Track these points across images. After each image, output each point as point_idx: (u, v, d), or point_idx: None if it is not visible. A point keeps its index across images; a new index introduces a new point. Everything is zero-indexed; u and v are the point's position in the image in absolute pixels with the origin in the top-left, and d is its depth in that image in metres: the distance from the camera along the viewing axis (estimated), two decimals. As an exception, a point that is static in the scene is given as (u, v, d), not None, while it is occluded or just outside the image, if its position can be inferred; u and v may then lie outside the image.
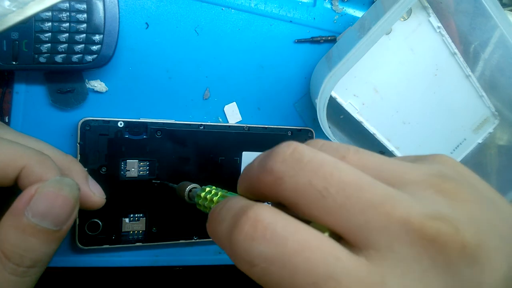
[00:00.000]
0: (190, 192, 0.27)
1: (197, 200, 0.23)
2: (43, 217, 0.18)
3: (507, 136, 0.42)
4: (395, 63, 0.36)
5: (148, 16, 0.34)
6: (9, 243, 0.17)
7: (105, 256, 0.35)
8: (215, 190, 0.22)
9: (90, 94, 0.33)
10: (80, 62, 0.29)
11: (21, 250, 0.18)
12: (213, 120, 0.37)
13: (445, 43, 0.36)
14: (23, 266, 0.18)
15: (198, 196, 0.22)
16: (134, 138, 0.33)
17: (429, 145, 0.40)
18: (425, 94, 0.38)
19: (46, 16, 0.28)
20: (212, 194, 0.21)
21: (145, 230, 0.34)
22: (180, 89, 0.36)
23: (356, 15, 0.40)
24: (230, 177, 0.37)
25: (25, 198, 0.18)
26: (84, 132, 0.32)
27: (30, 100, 0.31)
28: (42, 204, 0.18)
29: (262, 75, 0.38)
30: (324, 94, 0.31)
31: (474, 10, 0.33)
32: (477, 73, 0.38)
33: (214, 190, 0.22)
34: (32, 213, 0.18)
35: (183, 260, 0.38)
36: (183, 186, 0.27)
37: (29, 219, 0.18)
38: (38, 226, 0.18)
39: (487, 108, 0.41)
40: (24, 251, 0.18)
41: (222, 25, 0.36)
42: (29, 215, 0.18)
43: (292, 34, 0.38)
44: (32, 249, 0.18)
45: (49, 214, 0.18)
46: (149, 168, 0.34)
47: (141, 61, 0.34)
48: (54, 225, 0.18)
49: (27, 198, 0.18)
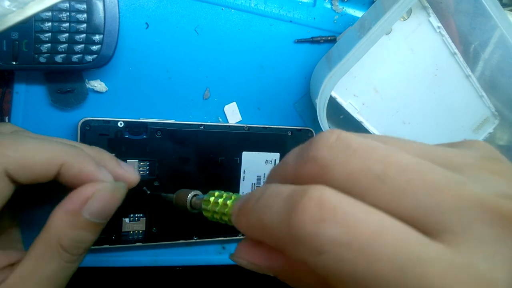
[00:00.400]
0: (193, 199, 0.24)
1: (204, 206, 0.21)
2: (98, 216, 0.21)
3: (507, 136, 0.42)
4: (395, 63, 0.36)
5: (148, 16, 0.34)
6: (67, 237, 0.20)
7: (105, 256, 0.35)
8: (226, 193, 0.20)
9: (90, 94, 0.33)
10: (80, 62, 0.29)
11: (78, 242, 0.21)
12: (213, 120, 0.37)
13: (445, 43, 0.36)
14: (77, 254, 0.21)
15: (206, 201, 0.20)
16: (134, 138, 0.33)
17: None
18: (425, 94, 0.38)
19: (46, 16, 0.28)
20: (225, 198, 0.20)
21: (145, 230, 0.34)
22: (180, 89, 0.36)
23: (356, 15, 0.40)
24: (230, 177, 0.37)
25: (81, 198, 0.21)
26: (84, 132, 0.32)
27: (30, 100, 0.31)
28: (99, 205, 0.21)
29: (262, 75, 0.38)
30: (324, 94, 0.31)
31: (474, 10, 0.33)
32: (477, 73, 0.38)
33: (225, 194, 0.20)
34: (89, 212, 0.21)
35: (183, 260, 0.38)
36: (182, 195, 0.25)
37: (86, 218, 0.21)
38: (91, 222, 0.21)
39: (487, 108, 0.41)
40: (80, 242, 0.21)
41: (222, 25, 0.36)
42: (86, 214, 0.21)
43: (292, 34, 0.38)
44: (86, 240, 0.21)
45: (104, 213, 0.22)
46: (149, 168, 0.34)
47: (141, 61, 0.34)
48: (104, 219, 0.22)
49: (84, 199, 0.21)
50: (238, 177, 0.37)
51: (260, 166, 0.38)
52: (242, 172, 0.37)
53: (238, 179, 0.37)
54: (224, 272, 0.40)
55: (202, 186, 0.36)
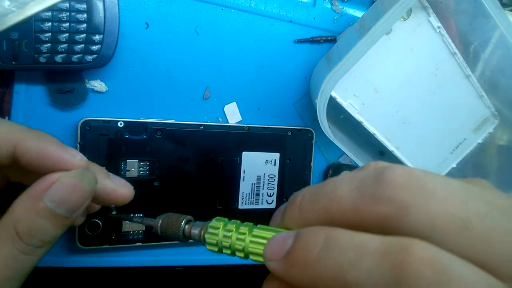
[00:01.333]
0: (186, 227, 0.19)
1: (210, 239, 0.17)
2: (59, 204, 0.19)
3: (507, 136, 0.42)
4: (395, 63, 0.36)
5: (148, 16, 0.34)
6: (23, 223, 0.19)
7: (105, 256, 0.35)
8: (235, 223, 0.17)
9: (90, 94, 0.33)
10: (80, 62, 0.29)
11: (33, 230, 0.19)
12: (213, 120, 0.37)
13: (445, 43, 0.36)
14: (32, 245, 0.19)
15: (211, 234, 0.17)
16: (134, 138, 0.33)
17: (429, 145, 0.40)
18: (425, 94, 0.38)
19: (46, 16, 0.28)
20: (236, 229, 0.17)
21: (145, 230, 0.34)
22: (180, 89, 0.36)
23: (356, 15, 0.40)
24: (230, 177, 0.37)
25: (45, 183, 0.19)
26: (84, 132, 0.32)
27: (30, 100, 0.31)
28: (61, 192, 0.19)
29: (262, 75, 0.38)
30: (324, 94, 0.31)
31: (474, 10, 0.33)
32: (477, 73, 0.38)
33: (234, 224, 0.17)
34: (49, 198, 0.19)
35: (183, 260, 0.38)
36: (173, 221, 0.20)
37: (45, 203, 0.19)
38: (52, 211, 0.19)
39: (487, 108, 0.40)
40: (36, 231, 0.19)
41: (222, 25, 0.36)
42: (47, 200, 0.19)
43: (292, 34, 0.38)
44: (42, 230, 0.19)
45: (65, 202, 0.19)
46: (149, 168, 0.34)
47: (141, 61, 0.34)
48: (67, 212, 0.20)
49: (48, 184, 0.19)
50: (238, 177, 0.37)
51: (260, 166, 0.38)
52: (242, 172, 0.37)
53: (238, 179, 0.37)
54: (224, 272, 0.40)
55: (202, 186, 0.36)
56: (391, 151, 0.39)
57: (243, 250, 0.16)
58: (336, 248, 0.12)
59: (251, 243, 0.16)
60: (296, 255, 0.13)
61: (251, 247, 0.16)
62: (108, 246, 0.33)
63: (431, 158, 0.42)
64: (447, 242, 0.12)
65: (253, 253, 0.16)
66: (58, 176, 0.20)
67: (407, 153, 0.40)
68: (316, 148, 0.41)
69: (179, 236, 0.19)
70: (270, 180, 0.39)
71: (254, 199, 0.38)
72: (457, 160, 0.42)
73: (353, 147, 0.40)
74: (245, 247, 0.16)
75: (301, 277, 0.13)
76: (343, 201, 0.13)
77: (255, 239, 0.16)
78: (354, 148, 0.40)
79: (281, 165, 0.39)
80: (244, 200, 0.38)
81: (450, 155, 0.42)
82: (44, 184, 0.19)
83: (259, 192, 0.38)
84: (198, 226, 0.19)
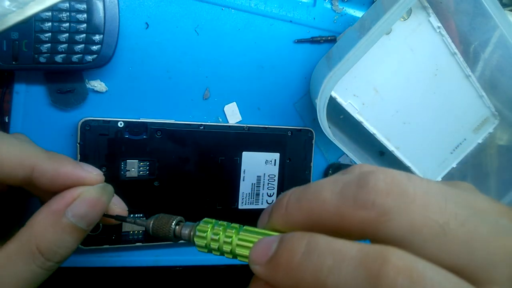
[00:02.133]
0: (176, 228, 0.20)
1: (199, 242, 0.18)
2: (82, 218, 0.20)
3: (507, 136, 0.42)
4: (395, 63, 0.36)
5: (148, 16, 0.34)
6: (46, 239, 0.19)
7: (105, 256, 0.35)
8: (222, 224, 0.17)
9: (90, 94, 0.33)
10: (80, 62, 0.29)
11: (56, 246, 0.19)
12: (213, 120, 0.37)
13: (445, 43, 0.36)
14: (52, 261, 0.19)
15: (199, 237, 0.18)
16: (134, 138, 0.33)
17: (429, 145, 0.40)
18: (425, 94, 0.38)
19: (46, 16, 0.28)
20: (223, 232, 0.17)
21: (145, 230, 0.34)
22: (180, 89, 0.36)
23: (356, 15, 0.40)
24: (230, 177, 0.37)
25: (66, 199, 0.20)
26: (84, 132, 0.32)
27: (30, 100, 0.31)
28: (84, 207, 0.20)
29: (262, 75, 0.38)
30: (324, 94, 0.31)
31: (474, 10, 0.33)
32: (477, 73, 0.38)
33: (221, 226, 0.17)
34: (72, 213, 0.19)
35: (183, 260, 0.38)
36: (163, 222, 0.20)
37: (68, 219, 0.19)
38: (76, 226, 0.19)
39: (487, 108, 0.41)
40: (59, 247, 0.19)
41: (222, 25, 0.36)
42: (69, 215, 0.19)
43: (292, 34, 0.38)
44: (65, 246, 0.19)
45: (87, 217, 0.20)
46: (149, 168, 0.34)
47: (141, 61, 0.34)
48: (87, 226, 0.20)
49: (69, 200, 0.20)
50: (238, 177, 0.37)
51: (260, 166, 0.38)
52: (242, 172, 0.37)
53: (238, 179, 0.37)
54: (224, 272, 0.40)
55: (202, 186, 0.36)
56: (391, 151, 0.39)
57: (230, 252, 0.16)
58: (316, 254, 0.12)
59: (237, 247, 0.16)
60: (280, 260, 0.13)
61: (238, 250, 0.16)
62: (108, 246, 0.33)
63: (431, 158, 0.42)
64: (426, 248, 0.12)
65: (240, 255, 0.16)
66: (79, 192, 0.20)
67: (407, 153, 0.40)
68: (316, 148, 0.41)
69: (170, 236, 0.20)
70: (270, 180, 0.39)
71: (254, 199, 0.38)
72: (457, 160, 0.42)
73: (353, 147, 0.40)
74: (232, 250, 0.16)
75: (284, 281, 0.13)
76: (326, 204, 0.14)
77: (242, 242, 0.16)
78: (354, 148, 0.40)
79: (281, 165, 0.39)
80: (244, 200, 0.38)
81: (450, 155, 0.42)
82: (65, 200, 0.20)
83: (259, 192, 0.38)
84: (187, 227, 0.19)
